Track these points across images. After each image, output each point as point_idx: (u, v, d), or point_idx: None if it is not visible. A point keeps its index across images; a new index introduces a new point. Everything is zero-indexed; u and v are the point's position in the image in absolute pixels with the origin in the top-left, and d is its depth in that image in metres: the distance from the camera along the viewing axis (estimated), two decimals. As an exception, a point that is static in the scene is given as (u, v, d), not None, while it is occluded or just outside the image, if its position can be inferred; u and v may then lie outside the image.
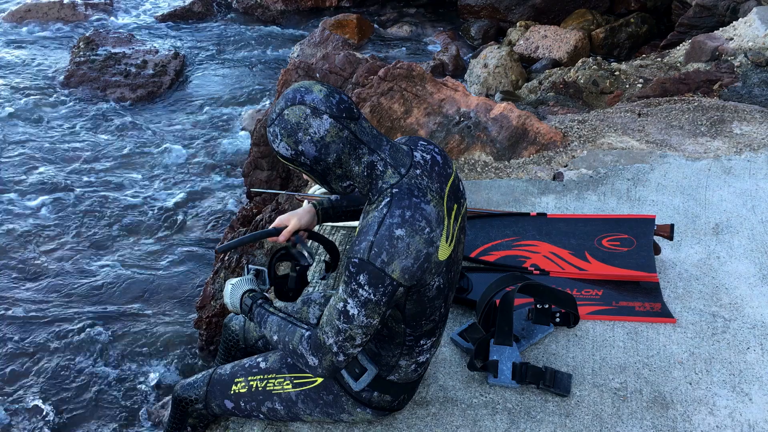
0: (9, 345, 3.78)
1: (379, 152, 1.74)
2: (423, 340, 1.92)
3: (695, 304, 2.65)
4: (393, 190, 1.72)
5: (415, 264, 1.68)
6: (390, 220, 1.67)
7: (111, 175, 5.57)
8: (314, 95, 1.69)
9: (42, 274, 4.34)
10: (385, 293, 1.68)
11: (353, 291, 1.69)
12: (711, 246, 2.97)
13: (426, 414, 2.19)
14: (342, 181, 1.77)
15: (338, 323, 1.74)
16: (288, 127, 1.69)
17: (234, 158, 5.82)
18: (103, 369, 3.61)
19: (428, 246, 1.70)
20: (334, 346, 1.76)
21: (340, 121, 1.69)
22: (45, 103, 6.80)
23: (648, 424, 2.15)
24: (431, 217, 1.71)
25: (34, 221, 4.91)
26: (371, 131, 1.76)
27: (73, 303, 4.11)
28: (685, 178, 3.47)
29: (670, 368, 2.36)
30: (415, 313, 1.82)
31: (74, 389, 3.47)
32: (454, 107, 3.84)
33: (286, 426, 2.17)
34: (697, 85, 5.14)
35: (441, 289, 1.80)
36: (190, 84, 7.52)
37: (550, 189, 3.41)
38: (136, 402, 3.37)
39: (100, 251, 4.61)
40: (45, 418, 3.30)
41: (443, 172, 1.83)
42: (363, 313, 1.71)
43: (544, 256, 2.84)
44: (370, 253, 1.66)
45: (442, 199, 1.78)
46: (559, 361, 2.39)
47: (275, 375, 2.08)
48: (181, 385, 2.25)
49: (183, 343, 3.76)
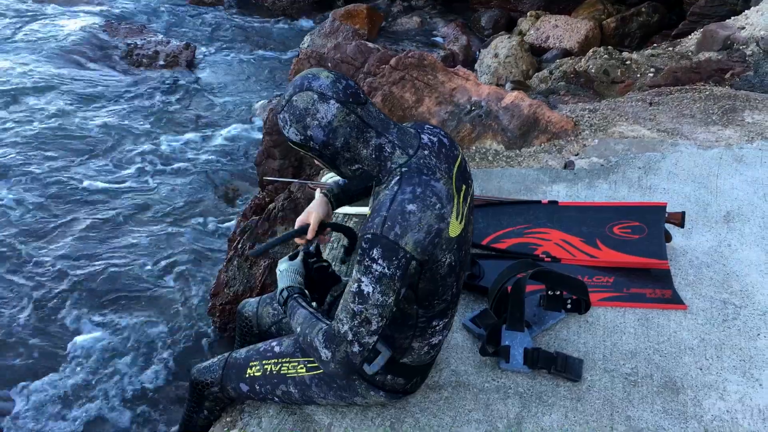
0: (21, 330, 3.83)
1: (386, 135, 1.78)
2: (435, 321, 1.94)
3: (706, 291, 2.66)
4: (402, 169, 1.75)
5: (426, 238, 1.70)
6: (401, 196, 1.70)
7: (122, 163, 5.61)
8: (321, 81, 1.73)
9: (49, 262, 4.38)
10: (399, 266, 1.69)
11: (367, 268, 1.70)
12: (722, 234, 2.98)
13: (438, 398, 2.22)
14: (351, 164, 1.80)
15: (353, 306, 1.74)
16: (296, 113, 1.73)
17: (246, 147, 5.85)
18: (118, 355, 3.65)
19: (439, 221, 1.72)
20: (348, 333, 1.75)
21: (346, 106, 1.73)
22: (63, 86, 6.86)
23: (659, 408, 2.17)
24: (441, 194, 1.74)
25: (41, 207, 4.96)
26: (378, 115, 1.80)
27: (84, 289, 4.15)
28: (696, 166, 3.47)
29: (681, 354, 2.37)
30: (427, 292, 1.84)
31: (88, 375, 3.52)
32: (466, 96, 3.85)
33: (301, 409, 2.20)
34: (708, 74, 5.12)
35: (452, 266, 1.83)
36: (202, 75, 7.56)
37: (561, 177, 3.42)
38: (152, 387, 3.41)
39: (112, 237, 4.64)
40: (56, 402, 3.35)
41: (450, 154, 1.86)
42: (378, 290, 1.70)
43: (555, 244, 2.85)
44: (383, 227, 1.68)
45: (451, 179, 1.81)
46: (570, 347, 2.41)
47: (289, 359, 2.11)
48: (198, 369, 2.28)
49: (198, 329, 3.80)
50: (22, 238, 4.59)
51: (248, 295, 3.67)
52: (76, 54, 7.71)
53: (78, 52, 7.76)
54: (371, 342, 1.78)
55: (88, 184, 5.30)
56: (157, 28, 8.64)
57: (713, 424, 2.12)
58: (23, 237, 4.61)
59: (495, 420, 2.14)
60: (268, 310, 2.41)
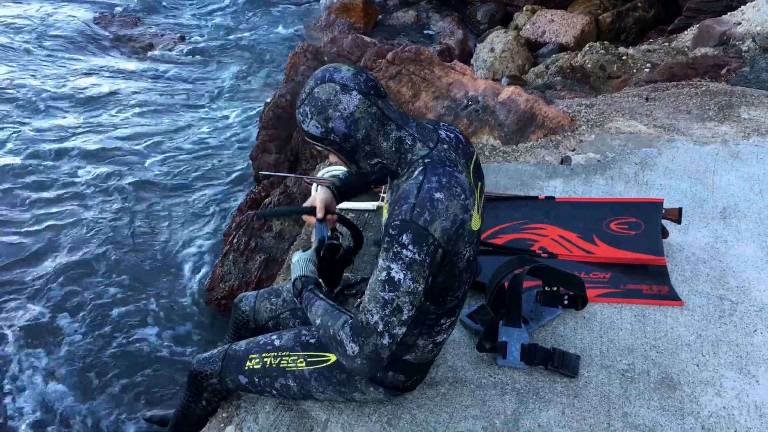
0: (22, 321, 3.81)
1: (406, 128, 1.79)
2: (443, 320, 1.94)
3: (702, 287, 2.67)
4: (425, 160, 1.76)
5: (452, 227, 1.70)
6: (428, 185, 1.70)
7: (114, 156, 5.58)
8: (343, 73, 1.74)
9: (41, 253, 4.36)
10: (429, 253, 1.68)
11: (396, 254, 1.68)
12: (718, 230, 2.98)
13: (435, 394, 2.22)
14: (370, 158, 1.79)
15: (383, 294, 1.69)
16: (318, 104, 1.73)
17: (242, 142, 5.83)
18: (113, 345, 3.63)
19: (464, 212, 1.73)
20: (379, 324, 1.70)
21: (368, 98, 1.73)
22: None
23: (655, 404, 2.17)
24: (465, 186, 1.75)
25: (27, 197, 4.94)
26: (397, 110, 1.82)
27: (77, 281, 4.13)
28: (692, 162, 3.47)
29: (678, 350, 2.38)
30: (443, 287, 1.84)
31: (86, 366, 3.50)
32: (462, 91, 3.84)
33: (298, 405, 2.20)
34: (704, 70, 5.12)
35: (470, 261, 1.83)
36: (196, 67, 7.52)
37: (557, 173, 3.42)
38: (149, 378, 3.40)
39: (105, 230, 4.62)
40: (56, 395, 3.33)
41: (467, 150, 1.88)
42: (409, 277, 1.68)
43: (552, 240, 2.85)
44: (412, 213, 1.67)
45: (470, 174, 1.81)
46: (567, 343, 2.41)
47: (289, 353, 2.11)
48: (197, 360, 2.28)
49: (195, 322, 3.78)
50: (13, 229, 4.57)
51: (244, 290, 3.66)
52: (64, 45, 7.66)
53: (67, 43, 7.71)
54: (400, 333, 1.74)
55: (80, 178, 5.28)
56: (152, 20, 8.59)
57: (710, 421, 2.12)
58: (15, 227, 4.59)
59: (492, 416, 2.14)
60: (266, 305, 2.40)
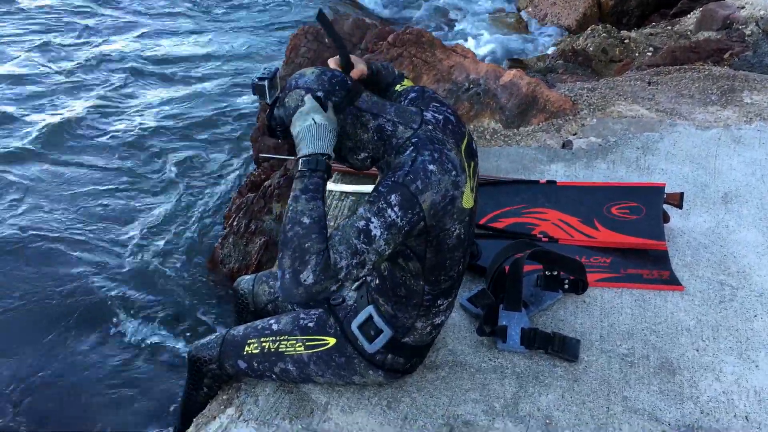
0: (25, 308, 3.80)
1: (383, 115, 1.79)
2: (440, 300, 1.94)
3: (703, 272, 2.66)
4: (413, 140, 1.75)
5: (441, 202, 1.70)
6: (422, 158, 1.70)
7: (114, 140, 5.56)
8: (306, 78, 1.77)
9: (39, 239, 4.35)
10: (410, 221, 1.67)
11: (380, 210, 1.65)
12: (720, 215, 2.97)
13: (435, 377, 2.22)
14: (356, 153, 1.81)
15: (356, 242, 1.63)
16: (290, 113, 1.76)
17: (241, 124, 5.80)
18: (112, 332, 3.63)
19: (455, 188, 1.72)
20: (342, 271, 1.61)
21: (334, 95, 1.74)
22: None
23: (655, 389, 2.17)
24: (455, 163, 1.75)
25: (32, 186, 4.92)
26: (370, 98, 1.81)
27: (77, 266, 4.12)
28: (694, 147, 3.46)
29: (678, 335, 2.38)
30: (435, 265, 1.83)
31: (85, 352, 3.50)
32: (464, 74, 3.82)
33: (298, 388, 2.20)
34: (707, 54, 5.09)
35: (461, 239, 1.82)
36: (195, 50, 7.46)
37: (559, 157, 3.41)
38: (151, 363, 3.40)
39: (101, 213, 4.61)
40: (48, 376, 3.33)
41: (457, 131, 1.86)
42: (384, 237, 1.64)
43: (553, 224, 2.84)
44: (406, 178, 1.67)
45: (461, 152, 1.80)
46: (567, 327, 2.41)
47: (287, 337, 2.11)
48: (195, 346, 2.28)
49: (194, 305, 3.77)
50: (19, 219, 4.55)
51: (244, 273, 3.65)
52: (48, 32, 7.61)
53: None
54: (347, 286, 1.67)
55: (82, 160, 5.26)
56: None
57: (709, 405, 2.12)
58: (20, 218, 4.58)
59: (492, 400, 2.15)
60: (264, 288, 2.40)
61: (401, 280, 1.89)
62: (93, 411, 3.19)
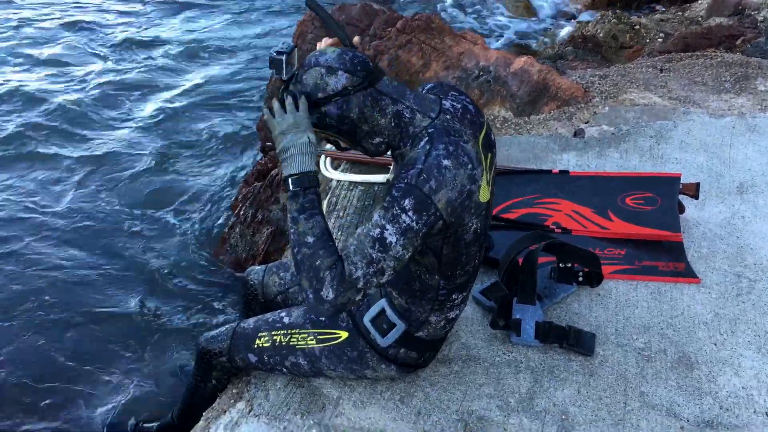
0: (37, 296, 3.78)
1: (402, 101, 1.73)
2: (455, 295, 1.90)
3: (719, 264, 2.62)
4: (429, 130, 1.70)
5: (458, 198, 1.65)
6: (436, 152, 1.65)
7: (117, 130, 5.51)
8: (327, 56, 1.71)
9: (48, 223, 4.32)
10: (426, 223, 1.63)
11: (394, 216, 1.62)
12: (735, 205, 2.92)
13: (449, 372, 2.18)
14: (372, 137, 1.75)
15: (371, 252, 1.62)
16: (308, 91, 1.71)
17: (248, 112, 5.74)
18: (116, 318, 3.60)
19: (471, 182, 1.67)
20: (360, 280, 1.62)
21: (355, 75, 1.68)
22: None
23: (672, 384, 2.14)
24: (472, 155, 1.69)
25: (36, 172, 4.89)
26: (391, 83, 1.76)
27: (83, 251, 4.09)
28: (709, 135, 3.40)
29: (695, 329, 2.34)
30: (451, 260, 1.79)
31: (91, 338, 3.47)
32: (473, 61, 3.76)
33: (309, 382, 2.16)
34: (719, 41, 5.02)
35: (478, 234, 1.78)
36: (201, 35, 7.39)
37: (571, 146, 3.36)
38: (155, 353, 3.36)
39: (107, 198, 4.57)
40: (49, 365, 3.30)
41: (476, 121, 1.81)
42: (401, 242, 1.62)
43: (566, 215, 2.80)
44: (418, 179, 1.61)
45: (478, 144, 1.75)
46: (582, 321, 2.37)
47: (299, 330, 2.07)
48: (205, 338, 2.24)
49: (202, 295, 3.74)
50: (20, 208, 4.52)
51: (251, 263, 3.62)
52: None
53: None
54: (372, 293, 1.70)
55: (87, 144, 5.22)
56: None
57: (728, 401, 2.09)
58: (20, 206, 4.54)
59: (506, 395, 2.11)
60: (275, 279, 2.36)
61: (416, 275, 1.85)
62: (97, 393, 3.17)
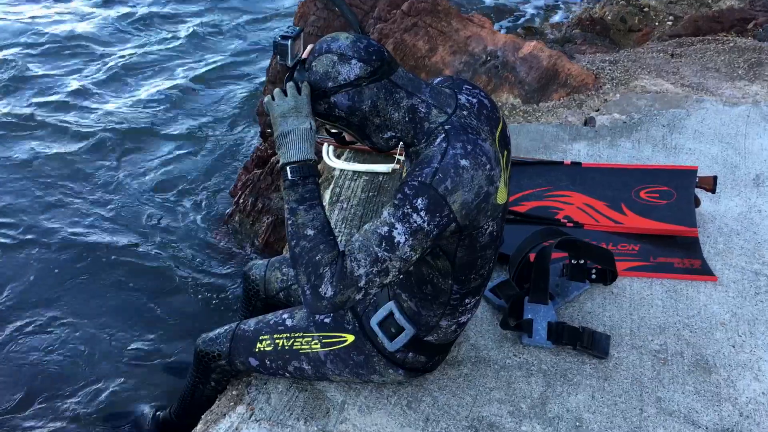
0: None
1: (418, 94, 1.62)
2: (468, 299, 1.81)
3: (736, 261, 2.53)
4: (446, 127, 1.58)
5: (474, 201, 1.54)
6: (453, 151, 1.53)
7: (117, 116, 5.39)
8: (340, 42, 1.59)
9: (45, 211, 4.23)
10: (439, 225, 1.53)
11: (405, 215, 1.51)
12: (752, 198, 2.83)
13: (458, 375, 2.10)
14: (382, 132, 1.64)
15: (377, 250, 1.52)
16: (317, 79, 1.59)
17: (248, 97, 5.61)
18: (111, 304, 3.51)
19: (489, 184, 1.56)
20: (362, 279, 1.53)
21: (370, 64, 1.57)
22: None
23: (690, 389, 2.05)
24: (490, 155, 1.58)
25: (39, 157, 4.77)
26: (406, 75, 1.64)
27: (75, 239, 3.99)
28: (723, 125, 3.30)
29: (712, 329, 2.25)
30: (465, 263, 1.69)
31: (83, 337, 3.39)
32: (481, 45, 3.64)
33: (312, 385, 2.08)
34: (730, 24, 4.89)
35: (493, 237, 1.68)
36: (199, 23, 7.22)
37: (581, 135, 3.25)
38: (151, 349, 3.28)
39: (98, 182, 4.46)
40: (40, 364, 3.22)
41: (492, 116, 1.70)
42: (409, 243, 1.52)
43: (577, 208, 2.70)
44: (434, 178, 1.50)
45: (495, 142, 1.65)
46: (595, 321, 2.28)
47: (302, 334, 1.98)
48: (203, 340, 2.15)
49: (197, 282, 3.64)
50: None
51: (250, 252, 3.53)
52: None
53: None
54: (374, 294, 1.62)
55: (86, 130, 5.10)
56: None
57: (748, 407, 2.01)
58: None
59: (518, 400, 2.03)
60: (277, 275, 2.27)
61: (428, 278, 1.75)
62: (102, 380, 3.11)
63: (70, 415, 2.96)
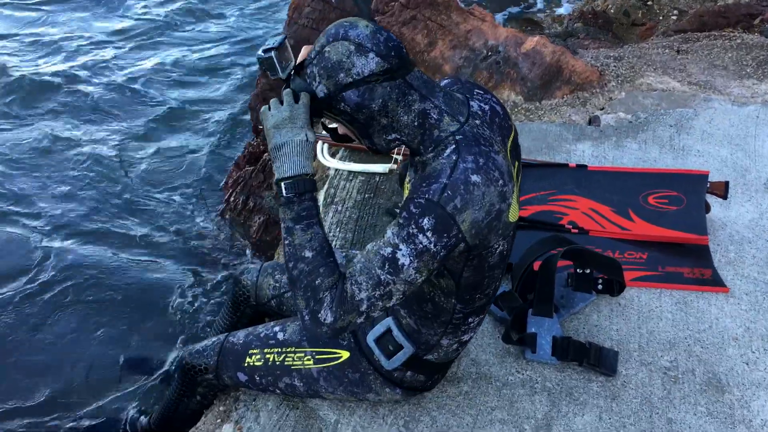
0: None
1: (431, 99, 1.49)
2: (471, 318, 1.69)
3: (749, 271, 2.42)
4: (457, 137, 1.46)
5: (485, 219, 1.42)
6: (464, 165, 1.41)
7: (109, 114, 5.24)
8: (359, 30, 1.44)
9: (37, 202, 4.10)
10: (446, 246, 1.41)
11: (410, 236, 1.40)
12: (763, 204, 2.72)
13: (457, 393, 1.99)
14: (387, 133, 1.51)
15: (380, 273, 1.43)
16: (328, 66, 1.45)
17: (239, 91, 5.46)
18: (95, 306, 3.39)
19: (501, 201, 1.44)
20: (364, 303, 1.44)
21: (388, 61, 1.43)
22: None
23: (702, 410, 1.95)
24: (503, 169, 1.46)
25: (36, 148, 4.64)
26: (422, 76, 1.51)
27: (67, 237, 3.87)
28: (732, 126, 3.18)
29: (725, 345, 2.14)
30: (471, 284, 1.58)
31: (70, 341, 3.27)
32: (482, 40, 3.51)
33: (304, 402, 1.97)
34: (737, 19, 4.76)
35: (503, 256, 1.56)
36: (189, 14, 7.06)
37: (586, 135, 3.13)
38: (134, 355, 3.16)
39: (90, 184, 4.34)
40: (24, 369, 3.11)
41: (504, 125, 1.58)
42: (414, 266, 1.41)
43: (583, 213, 2.59)
44: (442, 195, 1.39)
45: (507, 153, 1.52)
46: (602, 335, 2.17)
47: (294, 349, 1.87)
48: (190, 353, 2.03)
49: (183, 282, 3.51)
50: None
51: (241, 253, 3.40)
52: None
53: None
54: (376, 317, 1.55)
55: (80, 134, 4.96)
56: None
57: (764, 430, 1.90)
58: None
59: (521, 421, 1.92)
60: (269, 282, 2.15)
61: (429, 296, 1.64)
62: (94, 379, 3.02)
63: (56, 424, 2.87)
